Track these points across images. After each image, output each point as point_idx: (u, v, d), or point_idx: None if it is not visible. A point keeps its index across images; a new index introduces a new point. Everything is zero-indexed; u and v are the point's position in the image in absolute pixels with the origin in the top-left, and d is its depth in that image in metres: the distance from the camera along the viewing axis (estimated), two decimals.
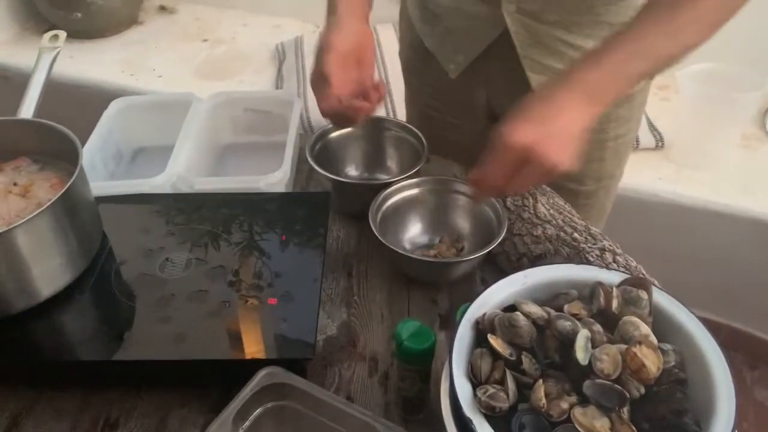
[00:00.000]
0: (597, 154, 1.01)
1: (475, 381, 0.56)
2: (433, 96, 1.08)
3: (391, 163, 1.01)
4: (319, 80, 0.81)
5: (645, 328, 0.57)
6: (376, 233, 0.80)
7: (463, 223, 0.89)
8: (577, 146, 0.67)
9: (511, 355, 0.57)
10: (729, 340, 1.65)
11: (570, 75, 0.68)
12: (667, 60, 0.70)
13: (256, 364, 0.63)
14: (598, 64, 0.68)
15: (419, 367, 0.65)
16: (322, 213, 0.86)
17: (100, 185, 0.89)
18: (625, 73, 0.68)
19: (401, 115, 1.27)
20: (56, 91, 0.91)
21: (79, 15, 1.98)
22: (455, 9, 0.93)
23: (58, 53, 0.93)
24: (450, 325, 0.78)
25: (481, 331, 0.59)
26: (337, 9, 0.83)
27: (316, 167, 0.91)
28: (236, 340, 0.70)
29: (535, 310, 0.59)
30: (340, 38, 0.81)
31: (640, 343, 0.54)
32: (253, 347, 0.69)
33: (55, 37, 0.95)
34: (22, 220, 0.67)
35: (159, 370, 0.71)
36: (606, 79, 0.68)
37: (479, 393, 0.54)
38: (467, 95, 1.02)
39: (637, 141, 1.59)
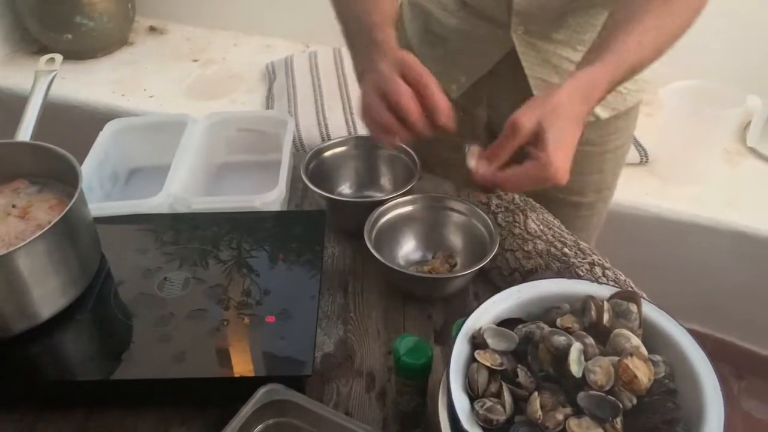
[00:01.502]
0: (597, 165, 1.03)
1: (473, 394, 0.57)
2: None
3: (385, 181, 1.02)
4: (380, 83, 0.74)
5: (636, 340, 0.59)
6: (371, 250, 0.82)
7: (456, 239, 0.90)
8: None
9: (501, 364, 0.58)
10: (716, 350, 1.67)
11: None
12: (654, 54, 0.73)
13: (256, 382, 0.64)
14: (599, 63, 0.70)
15: (417, 382, 0.66)
16: (317, 231, 0.87)
17: (97, 206, 0.89)
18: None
19: None
20: (47, 111, 0.91)
21: (70, 36, 1.99)
22: (462, 31, 0.94)
23: (54, 76, 0.95)
24: (445, 339, 0.79)
25: (477, 345, 0.60)
26: (377, 38, 0.78)
27: (311, 186, 0.92)
28: (235, 358, 0.71)
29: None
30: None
31: (631, 354, 0.56)
32: (252, 365, 0.70)
33: (51, 60, 0.96)
34: (23, 243, 0.68)
35: (159, 388, 0.71)
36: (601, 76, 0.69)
37: (477, 406, 0.55)
38: (468, 114, 1.03)
39: None
